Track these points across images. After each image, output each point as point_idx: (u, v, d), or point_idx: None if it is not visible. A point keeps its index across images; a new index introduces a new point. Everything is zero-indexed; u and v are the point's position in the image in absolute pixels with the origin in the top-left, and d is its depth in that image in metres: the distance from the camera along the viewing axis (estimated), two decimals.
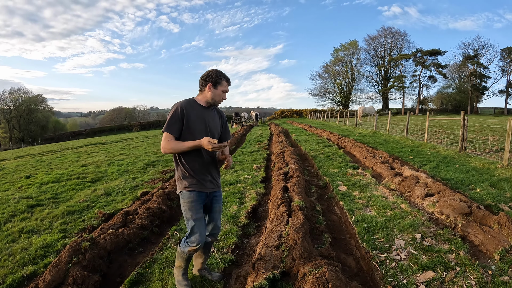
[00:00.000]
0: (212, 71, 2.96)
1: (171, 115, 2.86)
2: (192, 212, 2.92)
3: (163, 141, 2.83)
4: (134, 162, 11.88)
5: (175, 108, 2.87)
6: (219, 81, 2.95)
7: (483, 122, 23.05)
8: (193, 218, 2.91)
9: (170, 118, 2.85)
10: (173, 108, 2.88)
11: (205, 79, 2.94)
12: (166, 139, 2.83)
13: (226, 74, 3.04)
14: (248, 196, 6.21)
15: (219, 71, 2.98)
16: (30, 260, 4.08)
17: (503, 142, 10.89)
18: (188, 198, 2.93)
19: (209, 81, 2.93)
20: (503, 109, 61.37)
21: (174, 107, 2.89)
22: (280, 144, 12.92)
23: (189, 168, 2.94)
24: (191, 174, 2.95)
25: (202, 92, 2.99)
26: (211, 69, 3.00)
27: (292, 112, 67.66)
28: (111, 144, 23.44)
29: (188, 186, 2.93)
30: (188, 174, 2.95)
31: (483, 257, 3.56)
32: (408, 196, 5.84)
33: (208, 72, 2.97)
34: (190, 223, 2.92)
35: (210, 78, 2.93)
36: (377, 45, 70.85)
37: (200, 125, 2.93)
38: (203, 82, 2.96)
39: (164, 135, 2.84)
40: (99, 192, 7.26)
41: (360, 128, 22.94)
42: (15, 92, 69.86)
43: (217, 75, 2.95)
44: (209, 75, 2.94)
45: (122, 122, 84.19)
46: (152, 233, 4.79)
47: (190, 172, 2.94)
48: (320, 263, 2.95)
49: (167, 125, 2.84)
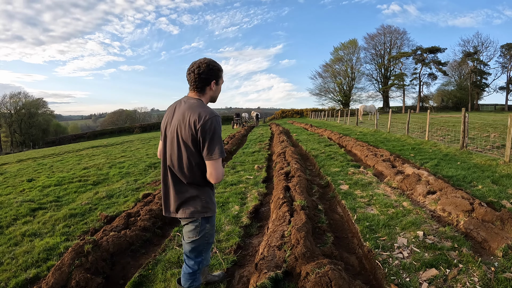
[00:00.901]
0: (211, 63, 2.41)
1: (218, 131, 2.30)
2: (213, 238, 2.65)
3: (220, 167, 2.33)
4: (136, 164, 11.89)
5: (217, 120, 2.31)
6: (221, 74, 2.49)
7: (484, 119, 23.04)
8: (211, 243, 2.65)
9: (219, 135, 2.31)
10: (215, 122, 2.29)
11: (207, 75, 2.39)
12: (220, 164, 2.34)
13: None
14: (250, 197, 6.21)
15: (216, 62, 2.45)
16: (33, 263, 4.08)
17: (504, 138, 10.88)
18: (213, 222, 2.59)
19: (213, 77, 2.42)
20: (504, 106, 61.43)
21: (215, 119, 2.29)
22: (281, 144, 12.91)
23: (213, 186, 2.59)
24: (213, 193, 2.60)
25: (203, 92, 2.45)
26: (202, 61, 2.41)
27: (292, 112, 67.72)
28: (113, 147, 23.47)
29: (215, 210, 2.56)
30: (213, 194, 2.59)
31: (486, 254, 3.55)
32: (410, 194, 5.83)
33: (207, 66, 2.38)
34: (208, 249, 2.64)
35: (213, 73, 2.41)
36: (376, 44, 71.00)
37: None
38: (204, 80, 2.40)
39: (219, 161, 2.32)
40: (101, 195, 7.26)
41: (361, 127, 22.92)
42: (16, 96, 70.18)
43: (218, 68, 2.44)
44: (211, 70, 2.39)
45: (123, 124, 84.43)
46: (154, 235, 4.79)
47: (212, 191, 2.58)
48: (322, 262, 2.95)
49: (221, 146, 2.31)
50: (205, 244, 2.54)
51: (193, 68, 2.39)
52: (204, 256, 2.59)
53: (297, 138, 17.17)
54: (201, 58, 2.45)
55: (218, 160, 2.28)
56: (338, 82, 71.07)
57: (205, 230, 2.49)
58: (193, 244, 2.51)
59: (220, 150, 2.27)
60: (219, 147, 2.27)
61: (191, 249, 2.53)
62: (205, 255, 2.59)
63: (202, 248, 2.54)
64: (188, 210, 2.43)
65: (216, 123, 2.27)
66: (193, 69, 2.39)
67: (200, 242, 2.51)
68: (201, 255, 2.56)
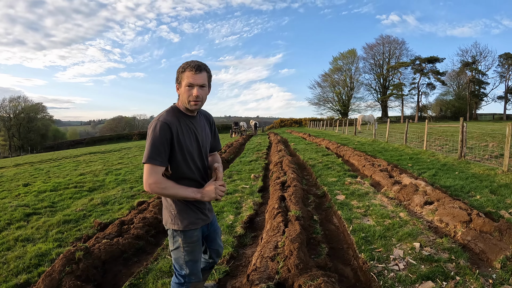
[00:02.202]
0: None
1: (152, 135, 2.11)
2: (194, 255, 2.38)
3: (148, 175, 2.10)
4: (132, 172, 11.83)
5: (155, 125, 2.13)
6: (181, 74, 2.17)
7: (482, 128, 23.05)
8: (193, 261, 2.38)
9: (152, 140, 2.11)
10: (152, 126, 2.14)
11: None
12: (152, 172, 2.11)
13: (202, 62, 2.21)
14: (245, 206, 6.15)
15: (186, 62, 2.20)
16: (24, 268, 4.03)
17: (503, 148, 10.85)
18: (191, 238, 2.33)
19: (176, 79, 2.22)
20: (502, 115, 61.71)
21: (153, 123, 2.15)
22: (278, 153, 12.88)
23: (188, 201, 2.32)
24: (196, 207, 2.34)
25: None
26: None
27: (291, 121, 67.84)
28: (110, 153, 23.42)
29: (190, 223, 2.30)
30: (195, 208, 2.33)
31: (484, 266, 3.50)
32: (407, 205, 5.78)
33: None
34: (190, 265, 2.37)
35: (176, 75, 2.21)
36: (375, 54, 71.29)
37: (191, 143, 2.28)
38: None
39: (149, 167, 2.11)
40: (96, 201, 7.20)
41: (359, 137, 22.93)
42: (15, 100, 70.35)
43: (179, 68, 2.19)
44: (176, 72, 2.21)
45: (122, 131, 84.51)
46: (147, 243, 4.72)
47: (195, 204, 2.32)
48: (316, 274, 2.89)
49: (150, 151, 2.10)
50: (182, 258, 2.34)
51: None
52: (188, 272, 2.37)
53: (295, 147, 17.15)
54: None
55: (147, 165, 2.09)
56: (337, 92, 71.23)
57: (178, 243, 2.32)
58: (173, 254, 2.39)
59: (147, 155, 2.08)
60: (148, 152, 2.08)
61: (174, 260, 2.41)
62: (188, 270, 2.36)
63: (182, 262, 2.34)
64: (164, 217, 2.37)
65: (153, 127, 2.11)
66: None
67: (177, 254, 2.35)
68: (183, 269, 2.36)
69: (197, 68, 2.14)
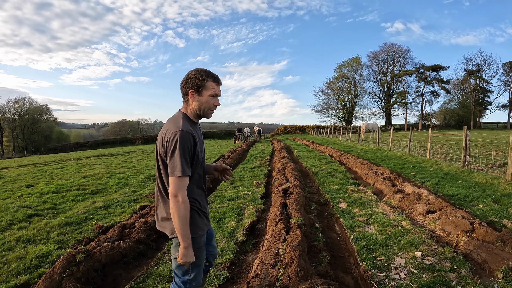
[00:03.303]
0: (192, 72, 2.26)
1: (181, 146, 2.08)
2: (200, 260, 2.39)
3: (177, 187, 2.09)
4: (135, 175, 11.86)
5: (181, 135, 2.10)
6: (203, 83, 2.23)
7: (486, 137, 22.95)
8: (199, 265, 2.39)
9: (181, 151, 2.08)
10: (178, 137, 2.09)
11: (186, 85, 2.25)
12: (182, 186, 2.12)
13: (214, 72, 2.30)
14: (247, 212, 6.14)
15: (201, 70, 2.26)
16: (24, 269, 4.05)
17: (506, 156, 10.80)
18: (199, 244, 2.35)
19: (190, 87, 2.24)
20: (506, 123, 61.49)
21: (178, 134, 2.10)
22: (281, 160, 12.87)
23: (201, 205, 2.37)
24: (202, 213, 2.38)
25: (187, 103, 2.31)
26: (192, 70, 2.29)
27: (295, 128, 67.89)
28: (113, 157, 23.49)
29: (200, 230, 2.33)
30: (202, 214, 2.37)
31: (486, 276, 3.47)
32: (409, 213, 5.76)
33: (187, 75, 2.26)
34: (196, 270, 2.37)
35: (190, 82, 2.23)
36: (380, 61, 71.36)
37: (201, 151, 2.31)
38: (183, 90, 2.28)
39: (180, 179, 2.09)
40: (98, 204, 7.22)
41: (363, 145, 22.88)
42: (20, 101, 70.81)
43: (197, 76, 2.23)
44: (189, 79, 2.24)
45: (126, 135, 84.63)
46: (148, 248, 4.73)
47: (202, 210, 2.37)
48: (316, 282, 2.88)
49: (182, 164, 2.08)
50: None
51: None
52: (191, 277, 2.35)
53: (298, 154, 17.14)
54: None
55: (179, 178, 2.08)
56: (341, 99, 71.22)
57: None
58: (177, 261, 2.33)
59: (180, 168, 2.06)
60: (180, 164, 2.06)
61: (176, 266, 2.38)
62: (191, 275, 2.35)
63: (187, 268, 2.33)
64: (169, 227, 2.30)
65: (179, 137, 2.08)
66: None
67: None
68: (187, 275, 2.35)
69: (219, 80, 2.29)
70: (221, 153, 19.70)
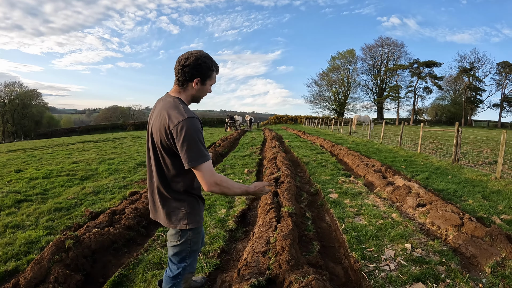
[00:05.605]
0: (201, 58, 2.11)
1: (194, 134, 2.02)
2: (198, 246, 2.45)
3: (208, 173, 2.06)
4: (125, 161, 11.75)
5: (193, 122, 2.03)
6: (210, 73, 2.17)
7: (477, 134, 23.20)
8: (196, 251, 2.45)
9: (196, 139, 2.03)
10: (189, 124, 2.01)
11: (191, 71, 2.11)
12: (213, 169, 2.09)
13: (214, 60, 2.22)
14: (238, 200, 6.12)
15: (209, 57, 2.16)
16: (13, 255, 3.99)
17: (496, 154, 10.93)
18: (197, 230, 2.36)
19: (197, 74, 2.13)
20: (497, 122, 62.13)
21: (189, 121, 2.02)
22: (273, 149, 12.86)
23: (199, 196, 2.37)
24: (202, 200, 2.40)
25: (184, 88, 2.18)
26: (193, 53, 2.13)
27: (287, 118, 67.81)
28: (104, 143, 23.25)
29: (201, 218, 2.36)
30: (201, 201, 2.39)
31: (474, 270, 3.51)
32: (399, 206, 5.79)
33: (195, 60, 2.10)
34: (193, 256, 2.43)
35: (199, 69, 2.11)
36: (374, 55, 71.54)
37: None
38: (187, 74, 2.12)
39: (205, 166, 2.06)
40: (87, 190, 7.14)
41: (354, 137, 22.97)
42: (11, 85, 69.49)
43: (208, 65, 2.14)
44: (198, 65, 2.10)
45: (117, 121, 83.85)
46: (138, 234, 4.69)
47: (202, 197, 2.39)
48: (307, 271, 2.88)
49: (201, 151, 2.04)
50: (187, 250, 2.36)
51: (181, 58, 2.14)
52: (188, 262, 2.39)
53: (289, 144, 17.13)
54: (196, 50, 2.16)
55: (206, 163, 2.04)
56: (334, 91, 71.36)
57: (186, 237, 2.31)
58: (175, 249, 2.35)
59: (202, 154, 2.02)
60: (200, 151, 2.02)
61: (174, 254, 2.38)
62: (189, 261, 2.39)
63: (185, 254, 2.35)
64: (170, 219, 2.28)
65: (191, 125, 2.01)
66: (180, 59, 2.13)
67: (182, 248, 2.33)
68: (184, 261, 2.37)
69: (218, 70, 2.28)
70: (212, 140, 19.59)
